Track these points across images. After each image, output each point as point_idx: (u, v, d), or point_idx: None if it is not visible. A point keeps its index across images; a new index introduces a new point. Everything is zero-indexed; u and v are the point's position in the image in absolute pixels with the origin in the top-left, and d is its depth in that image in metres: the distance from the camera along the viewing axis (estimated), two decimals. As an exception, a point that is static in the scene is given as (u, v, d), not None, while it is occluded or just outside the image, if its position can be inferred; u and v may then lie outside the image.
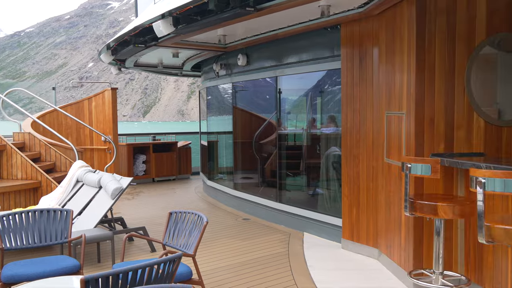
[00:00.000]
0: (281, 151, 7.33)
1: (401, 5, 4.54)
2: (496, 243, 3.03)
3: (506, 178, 3.01)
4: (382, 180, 5.13)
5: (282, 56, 6.88)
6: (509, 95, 4.71)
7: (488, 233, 3.03)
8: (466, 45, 4.36)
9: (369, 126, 5.34)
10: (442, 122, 4.37)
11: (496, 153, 4.47)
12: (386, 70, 4.95)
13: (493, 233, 3.00)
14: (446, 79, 4.36)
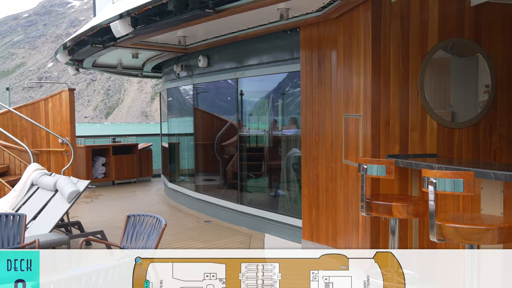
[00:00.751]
0: (243, 153, 7.33)
1: (357, 10, 4.63)
2: (447, 241, 3.13)
3: (455, 178, 3.12)
4: (340, 181, 5.21)
5: (242, 58, 6.89)
6: (462, 98, 4.88)
7: (439, 231, 3.13)
8: (419, 50, 4.50)
9: (328, 128, 5.41)
10: (397, 124, 4.49)
11: (448, 154, 4.62)
12: (344, 73, 5.04)
13: (444, 231, 3.10)
14: (401, 82, 4.48)
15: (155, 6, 4.88)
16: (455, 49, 4.84)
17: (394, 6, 4.39)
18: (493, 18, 4.65)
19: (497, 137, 4.75)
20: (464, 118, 4.72)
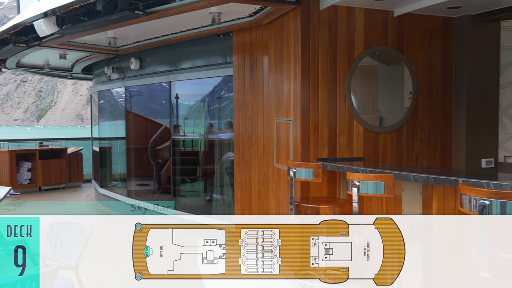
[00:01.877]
0: (178, 157, 7.25)
1: (287, 16, 4.72)
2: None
3: (377, 181, 3.26)
4: (272, 185, 5.27)
5: (176, 61, 6.82)
6: (389, 104, 5.11)
7: (362, 232, 3.24)
8: (346, 57, 4.65)
9: (260, 132, 5.47)
10: (326, 129, 4.61)
11: (374, 157, 4.81)
12: (275, 78, 5.12)
13: (367, 232, 3.22)
14: (329, 88, 4.61)
15: (83, 5, 4.72)
16: (382, 57, 5.06)
17: (322, 15, 4.51)
18: (414, 28, 4.90)
19: (419, 141, 5.00)
20: (390, 123, 4.93)
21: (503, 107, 5.12)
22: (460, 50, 5.02)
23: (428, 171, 3.79)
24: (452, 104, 5.12)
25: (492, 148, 5.14)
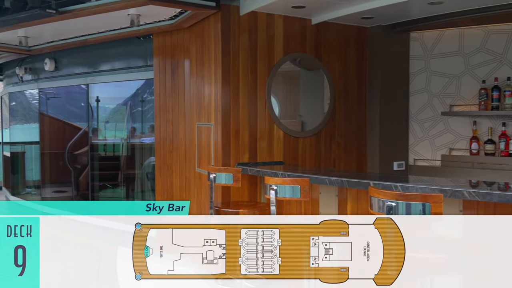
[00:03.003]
0: (97, 162, 6.98)
1: (208, 21, 4.71)
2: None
3: (293, 185, 3.33)
4: (194, 190, 5.23)
5: (94, 63, 6.58)
6: (310, 109, 5.25)
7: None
8: (266, 63, 4.72)
9: (182, 136, 5.41)
10: (246, 133, 4.65)
11: (293, 161, 4.91)
12: (196, 82, 5.08)
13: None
14: (250, 93, 4.65)
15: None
16: (303, 63, 5.19)
17: (242, 20, 4.55)
18: (331, 36, 5.08)
19: (336, 146, 5.19)
20: (311, 127, 5.07)
21: (413, 112, 5.44)
22: (373, 58, 5.28)
23: (343, 175, 3.95)
24: (367, 110, 5.36)
25: (403, 152, 5.44)
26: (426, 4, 4.27)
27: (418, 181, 3.78)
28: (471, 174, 5.01)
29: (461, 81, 5.18)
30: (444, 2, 4.21)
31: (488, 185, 3.91)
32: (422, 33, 5.32)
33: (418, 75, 5.40)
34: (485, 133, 5.04)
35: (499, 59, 4.97)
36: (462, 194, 2.90)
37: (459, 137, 5.23)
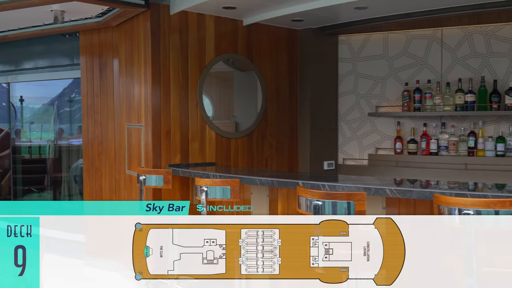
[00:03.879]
0: (20, 165, 6.62)
1: (137, 19, 4.60)
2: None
3: (224, 186, 3.33)
4: (124, 193, 5.09)
5: (15, 60, 6.25)
6: (244, 110, 5.27)
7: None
8: (198, 63, 4.69)
9: (111, 138, 5.25)
10: (178, 134, 4.59)
11: (226, 162, 4.91)
12: (126, 82, 4.95)
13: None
14: (181, 93, 4.60)
15: None
16: (236, 64, 5.20)
17: (173, 20, 4.49)
18: (263, 38, 5.14)
19: (268, 146, 5.24)
20: (245, 128, 5.09)
21: (342, 113, 5.62)
22: (304, 60, 5.39)
23: (273, 175, 4.00)
24: (298, 111, 5.47)
25: (332, 152, 5.60)
26: (352, 8, 4.42)
27: (347, 180, 3.90)
28: (396, 172, 5.24)
29: (386, 83, 5.41)
30: (369, 7, 4.37)
31: (411, 183, 4.11)
32: (350, 37, 5.51)
33: (346, 77, 5.57)
34: (408, 133, 5.29)
35: (420, 63, 5.24)
36: (385, 192, 3.02)
37: (385, 137, 5.46)
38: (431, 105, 5.11)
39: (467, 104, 4.94)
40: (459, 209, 2.51)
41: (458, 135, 5.06)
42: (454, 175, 4.92)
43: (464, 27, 5.03)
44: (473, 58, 5.04)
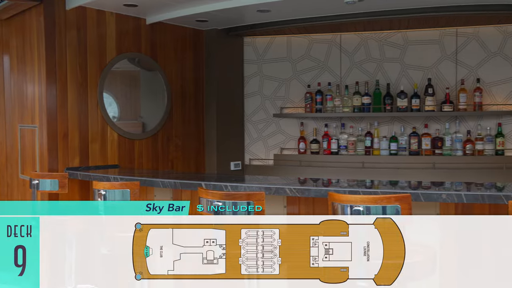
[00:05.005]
0: None
1: (30, 14, 4.31)
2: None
3: (123, 189, 3.22)
4: (18, 197, 4.75)
5: None
6: (151, 110, 5.14)
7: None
8: (98, 61, 4.50)
9: (2, 140, 4.87)
10: (76, 136, 4.37)
11: (130, 164, 4.76)
12: (18, 80, 4.62)
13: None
14: (80, 93, 4.38)
15: None
16: (142, 63, 5.06)
17: (69, 15, 4.26)
18: (167, 38, 5.05)
19: (174, 147, 5.17)
20: (150, 129, 4.97)
21: (248, 114, 5.69)
22: (210, 61, 5.38)
23: (178, 176, 3.95)
24: (204, 112, 5.45)
25: (239, 152, 5.66)
26: (255, 11, 4.49)
27: (253, 180, 3.96)
28: (300, 172, 5.41)
29: (290, 85, 5.57)
30: (271, 10, 4.47)
31: (314, 181, 4.27)
32: (255, 39, 5.60)
33: (252, 79, 5.66)
34: (311, 134, 5.49)
35: (321, 66, 5.46)
36: (285, 191, 3.10)
37: (289, 137, 5.62)
38: (332, 107, 5.35)
39: (363, 106, 5.23)
40: (351, 206, 2.64)
41: (356, 135, 5.35)
42: (353, 173, 5.19)
43: (360, 33, 5.32)
44: (368, 62, 5.35)
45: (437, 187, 3.34)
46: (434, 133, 5.13)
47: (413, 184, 3.72)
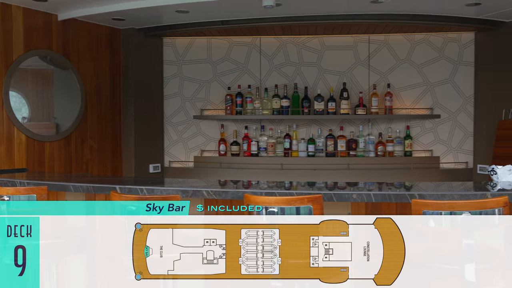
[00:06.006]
0: None
1: None
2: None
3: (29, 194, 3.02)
4: None
5: None
6: (65, 110, 4.88)
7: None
8: (3, 59, 4.21)
9: None
10: (-22, 138, 4.06)
11: (39, 168, 4.50)
12: None
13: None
14: (-18, 91, 4.07)
15: None
16: (55, 61, 4.80)
17: (-30, 7, 3.95)
18: (82, 35, 4.84)
19: (89, 149, 4.96)
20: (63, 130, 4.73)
21: (167, 116, 5.59)
22: (127, 61, 5.22)
23: (92, 180, 3.78)
24: (122, 113, 5.28)
25: (159, 154, 5.54)
26: (173, 11, 4.42)
27: (173, 183, 3.89)
28: (221, 174, 5.41)
29: (210, 87, 5.55)
30: (190, 11, 4.43)
31: (235, 183, 4.28)
32: (175, 39, 5.52)
33: (171, 80, 5.57)
34: (231, 136, 5.51)
35: (241, 68, 5.50)
36: (202, 194, 3.08)
37: (209, 139, 5.59)
38: (252, 109, 5.40)
39: (282, 108, 5.33)
40: (266, 207, 2.68)
41: (276, 137, 5.44)
42: (273, 175, 5.28)
43: (279, 37, 5.43)
44: (287, 66, 5.46)
45: (351, 187, 3.48)
46: (349, 135, 5.35)
47: (329, 184, 3.85)
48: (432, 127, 5.37)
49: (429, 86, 5.32)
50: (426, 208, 2.45)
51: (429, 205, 2.46)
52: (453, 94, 5.30)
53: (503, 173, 3.40)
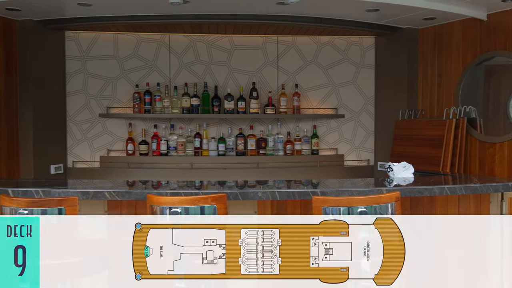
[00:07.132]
0: None
1: None
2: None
3: None
4: None
5: None
6: None
7: None
8: None
9: None
10: None
11: None
12: None
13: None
14: None
15: None
16: None
17: None
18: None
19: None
20: None
21: (70, 114, 5.30)
22: (24, 55, 4.87)
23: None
24: (18, 110, 4.91)
25: (61, 154, 5.24)
26: (75, 4, 4.20)
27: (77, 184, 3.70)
28: (129, 174, 5.23)
29: (117, 84, 5.35)
30: (93, 5, 4.23)
31: (143, 183, 4.16)
32: (78, 34, 5.24)
33: (74, 76, 5.29)
34: (140, 135, 5.35)
35: (150, 66, 5.36)
36: (104, 195, 2.96)
37: (117, 138, 5.39)
38: (161, 108, 5.28)
39: (192, 107, 5.28)
40: (169, 207, 2.62)
41: (186, 136, 5.37)
42: (183, 174, 5.21)
43: (189, 35, 5.36)
44: (197, 64, 5.42)
45: (261, 186, 3.53)
46: (259, 134, 5.42)
47: (240, 183, 3.87)
48: (337, 126, 5.60)
49: (334, 87, 5.55)
50: (326, 204, 2.54)
51: (328, 202, 2.55)
52: (356, 95, 5.57)
53: (398, 170, 3.64)
